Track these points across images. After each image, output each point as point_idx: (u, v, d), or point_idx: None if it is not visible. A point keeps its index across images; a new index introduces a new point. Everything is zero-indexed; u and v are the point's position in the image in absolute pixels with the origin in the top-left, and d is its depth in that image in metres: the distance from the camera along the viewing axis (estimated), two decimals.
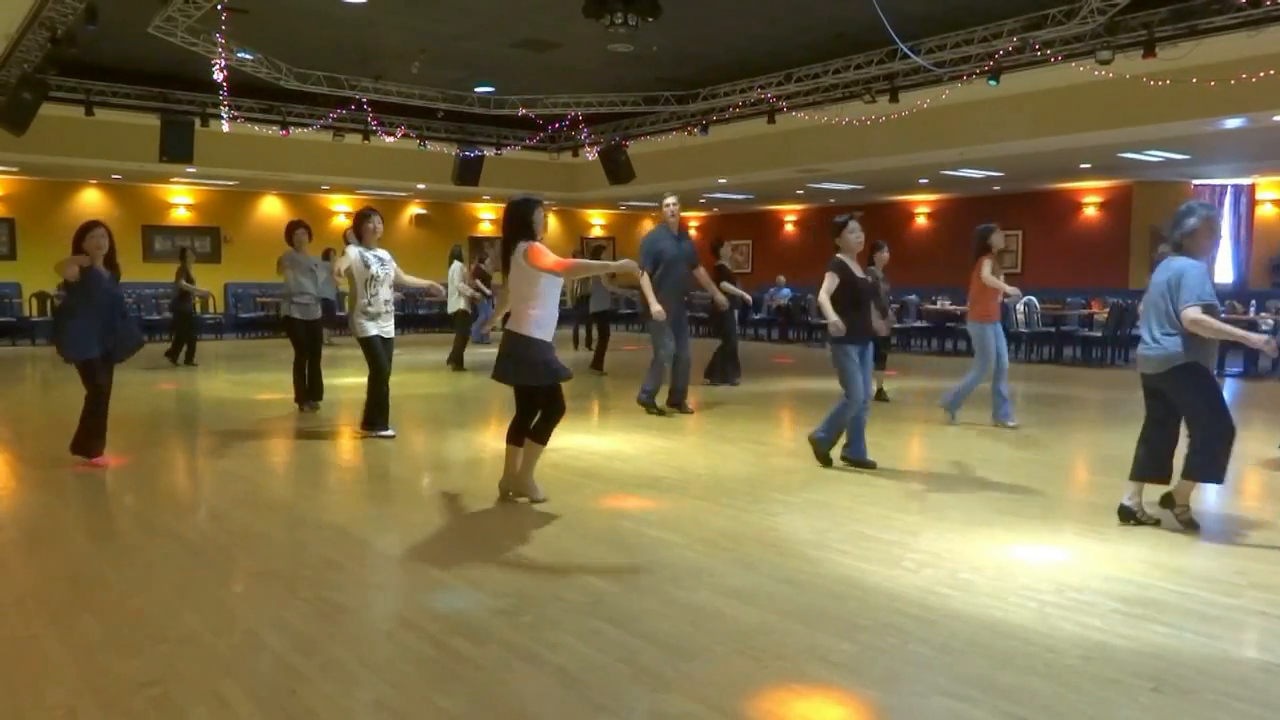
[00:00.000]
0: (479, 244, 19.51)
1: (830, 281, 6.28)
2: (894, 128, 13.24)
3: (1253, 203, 17.02)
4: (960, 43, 10.86)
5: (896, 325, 11.15)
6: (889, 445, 7.47)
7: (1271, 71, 9.78)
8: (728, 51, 12.48)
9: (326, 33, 11.64)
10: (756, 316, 19.41)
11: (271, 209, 20.37)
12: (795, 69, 12.85)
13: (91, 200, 18.45)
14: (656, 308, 8.07)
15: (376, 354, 7.35)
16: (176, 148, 14.08)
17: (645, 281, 8.18)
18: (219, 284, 19.48)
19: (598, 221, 25.59)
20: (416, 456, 7.10)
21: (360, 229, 7.40)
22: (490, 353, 6.96)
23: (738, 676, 3.13)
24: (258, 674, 3.16)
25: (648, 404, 8.77)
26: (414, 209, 22.25)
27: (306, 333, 9.07)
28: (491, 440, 7.48)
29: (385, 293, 7.37)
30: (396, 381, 9.24)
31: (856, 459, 6.41)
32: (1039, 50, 10.52)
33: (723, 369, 11.10)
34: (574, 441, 7.42)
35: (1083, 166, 15.53)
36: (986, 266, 7.91)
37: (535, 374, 5.25)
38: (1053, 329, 14.29)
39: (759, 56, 12.69)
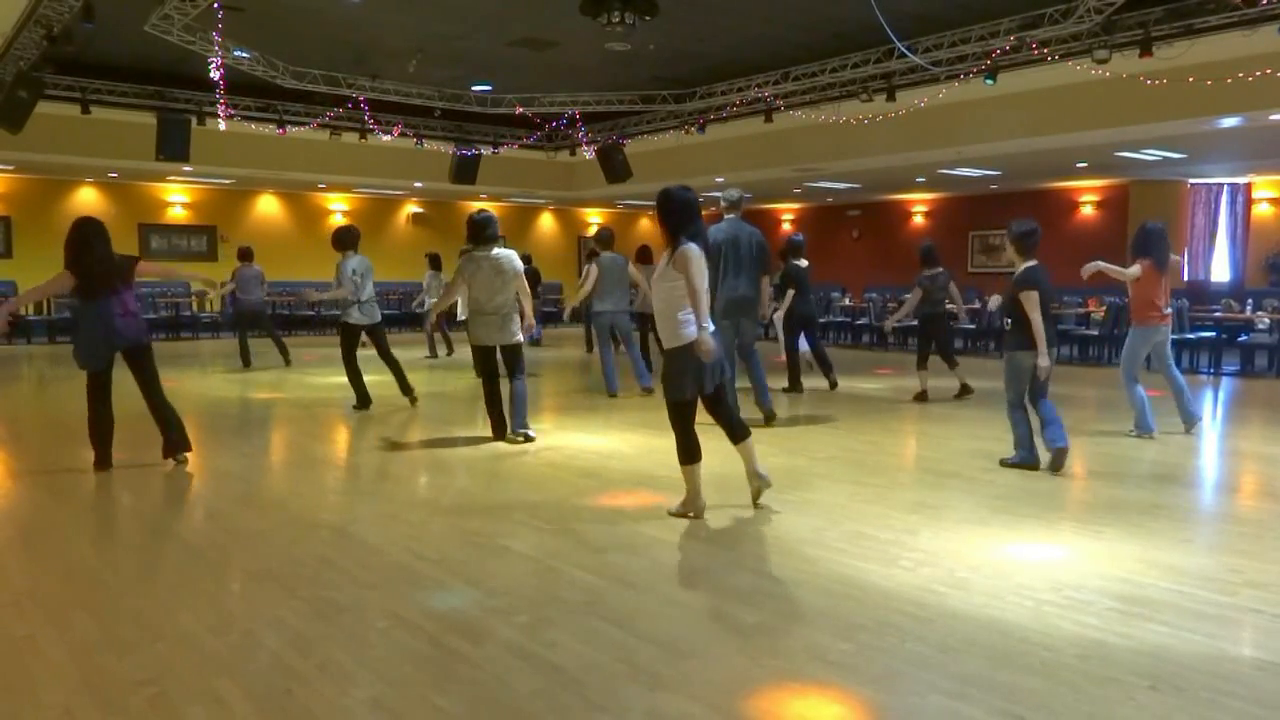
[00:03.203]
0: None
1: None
2: (891, 127, 13.25)
3: (1249, 201, 17.05)
4: (957, 41, 10.88)
5: (896, 325, 11.04)
6: (886, 444, 7.48)
7: (1268, 70, 9.80)
8: (725, 50, 12.47)
9: (323, 31, 11.63)
10: None
11: (268, 208, 20.37)
12: (792, 68, 12.86)
13: (88, 199, 18.43)
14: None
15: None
16: (173, 146, 14.06)
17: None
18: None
19: (595, 220, 25.58)
20: (413, 456, 7.10)
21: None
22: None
23: (735, 675, 3.13)
24: (255, 673, 3.15)
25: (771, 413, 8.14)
26: (411, 208, 22.25)
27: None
28: (486, 438, 7.48)
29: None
30: (386, 380, 9.28)
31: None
32: (1036, 49, 10.53)
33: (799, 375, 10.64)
34: (572, 441, 7.43)
35: (1079, 165, 15.55)
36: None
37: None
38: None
39: (756, 55, 12.69)
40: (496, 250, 7.13)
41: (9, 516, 5.24)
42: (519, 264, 7.21)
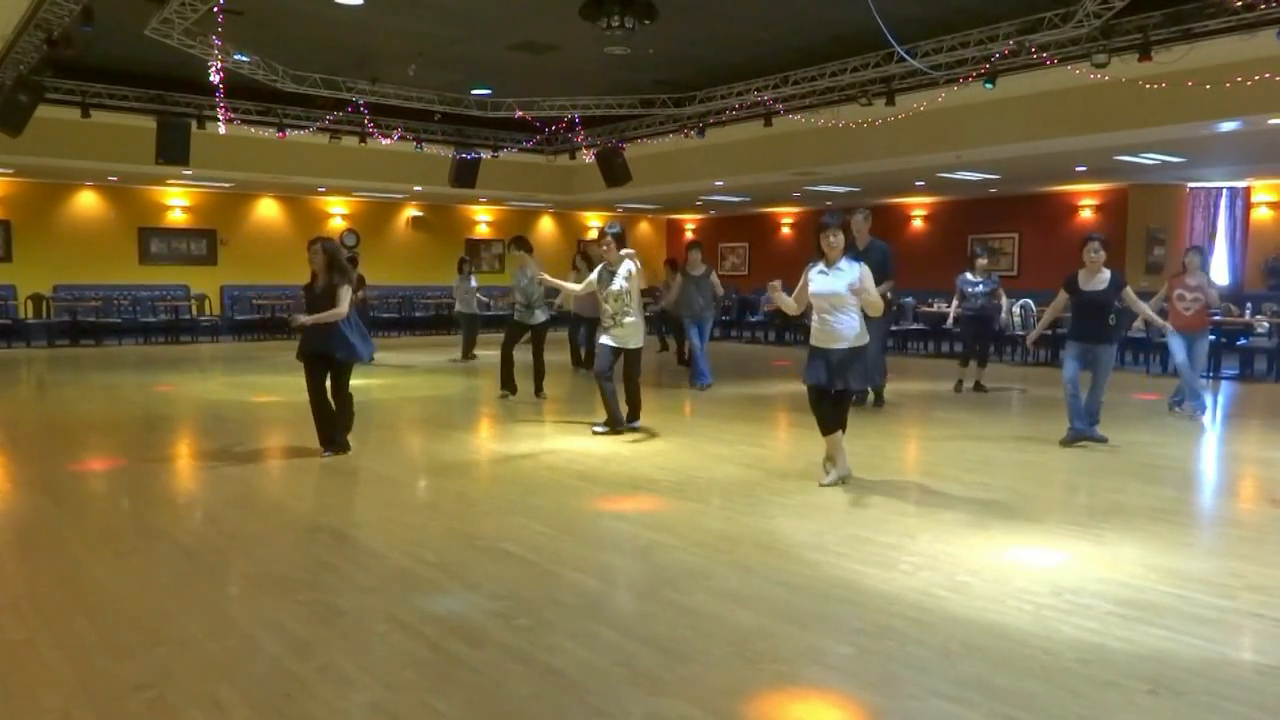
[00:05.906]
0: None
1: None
2: (890, 130, 13.25)
3: (1248, 205, 17.06)
4: (956, 45, 10.87)
5: (894, 328, 11.32)
6: (885, 448, 7.48)
7: (1266, 74, 9.81)
8: (724, 54, 12.48)
9: (323, 35, 11.63)
10: (753, 319, 19.48)
11: (268, 211, 20.36)
12: (792, 72, 12.86)
13: (88, 202, 18.43)
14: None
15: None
16: (173, 150, 14.05)
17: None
18: (215, 286, 19.50)
19: (594, 224, 25.58)
20: (412, 459, 7.09)
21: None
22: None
23: (735, 679, 3.13)
24: (253, 677, 3.15)
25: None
26: (410, 211, 22.24)
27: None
28: (486, 442, 7.48)
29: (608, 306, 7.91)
30: (389, 384, 9.29)
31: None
32: (1035, 53, 10.53)
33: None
34: (571, 444, 7.42)
35: (1079, 169, 15.55)
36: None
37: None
38: (1049, 332, 14.26)
39: (755, 59, 12.69)
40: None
41: (8, 520, 5.24)
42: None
